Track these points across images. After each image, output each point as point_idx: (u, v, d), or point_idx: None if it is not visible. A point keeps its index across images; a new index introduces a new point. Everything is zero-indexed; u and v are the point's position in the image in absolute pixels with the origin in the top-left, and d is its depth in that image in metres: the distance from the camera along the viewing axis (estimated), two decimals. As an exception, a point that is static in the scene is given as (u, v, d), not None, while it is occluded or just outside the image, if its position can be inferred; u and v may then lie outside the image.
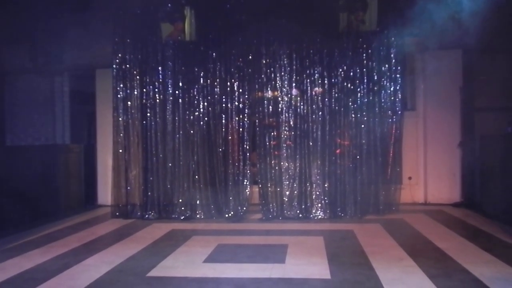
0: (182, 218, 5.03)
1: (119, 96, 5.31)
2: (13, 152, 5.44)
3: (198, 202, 5.11)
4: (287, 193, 5.05)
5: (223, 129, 5.18)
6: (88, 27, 5.48)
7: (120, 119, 5.30)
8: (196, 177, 5.16)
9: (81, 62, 5.98)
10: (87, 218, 5.25)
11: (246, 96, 5.20)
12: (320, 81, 5.13)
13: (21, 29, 5.48)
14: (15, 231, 4.40)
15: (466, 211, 5.13)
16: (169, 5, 5.20)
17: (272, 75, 5.16)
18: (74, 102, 6.50)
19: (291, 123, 5.13)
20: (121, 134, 5.30)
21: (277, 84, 5.16)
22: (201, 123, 5.21)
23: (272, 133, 5.16)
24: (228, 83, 5.17)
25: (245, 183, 5.12)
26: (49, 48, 5.88)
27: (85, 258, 3.45)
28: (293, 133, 5.12)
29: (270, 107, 5.17)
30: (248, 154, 5.15)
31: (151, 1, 5.17)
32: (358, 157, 5.09)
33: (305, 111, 5.14)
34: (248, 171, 5.15)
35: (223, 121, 5.19)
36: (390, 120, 5.17)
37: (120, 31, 5.29)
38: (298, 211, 4.99)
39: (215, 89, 5.19)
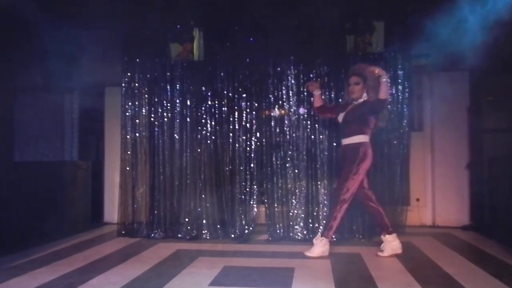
0: (188, 237, 5.01)
1: (127, 114, 5.36)
2: (21, 168, 5.48)
3: (204, 222, 5.10)
4: (294, 213, 5.03)
5: (230, 148, 5.20)
6: (99, 46, 5.57)
7: (128, 136, 5.34)
8: (203, 196, 5.16)
9: (91, 80, 6.04)
10: (93, 236, 5.26)
11: (254, 116, 5.23)
12: (327, 102, 5.15)
13: (33, 48, 5.57)
14: (21, 248, 4.39)
15: (475, 235, 5.07)
16: (178, 26, 5.28)
17: (279, 95, 5.19)
18: (83, 119, 6.57)
19: (298, 142, 5.14)
20: (129, 152, 5.33)
21: (284, 104, 5.18)
22: (209, 142, 5.23)
23: (279, 153, 5.16)
24: (236, 103, 5.21)
25: (251, 203, 5.11)
26: (60, 66, 5.96)
27: (90, 278, 3.44)
28: (300, 152, 5.12)
29: (277, 126, 5.18)
30: (255, 173, 5.16)
31: (161, 23, 5.25)
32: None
33: (312, 130, 5.14)
34: (255, 191, 5.15)
35: (230, 140, 5.21)
36: (397, 140, 5.15)
37: (129, 50, 5.37)
38: (305, 232, 4.96)
39: (223, 109, 5.23)
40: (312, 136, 5.12)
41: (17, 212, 4.85)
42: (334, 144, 5.06)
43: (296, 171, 5.08)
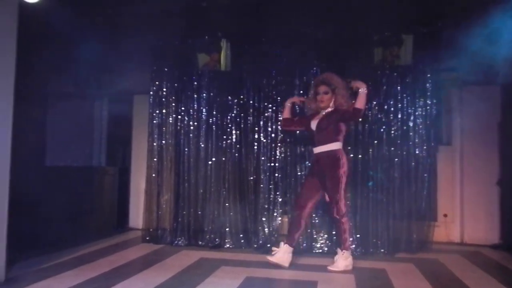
0: (210, 245, 5.03)
1: (154, 121, 5.45)
2: (52, 172, 5.65)
3: (227, 230, 5.11)
4: (317, 225, 4.99)
5: (255, 158, 5.21)
6: (129, 56, 5.71)
7: (154, 144, 5.42)
8: (227, 204, 5.19)
9: (121, 88, 6.20)
10: (118, 241, 5.34)
11: (279, 126, 5.23)
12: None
13: (65, 56, 5.76)
14: (50, 251, 4.50)
15: (505, 254, 4.89)
16: (206, 37, 5.36)
17: (305, 106, 5.17)
18: (112, 126, 6.73)
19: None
20: (155, 159, 5.40)
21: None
22: (233, 151, 5.26)
23: (304, 163, 5.14)
24: (261, 113, 5.23)
25: (275, 213, 5.10)
26: (91, 74, 6.15)
27: (114, 283, 3.48)
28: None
29: (302, 137, 5.15)
30: (279, 183, 5.15)
31: (189, 34, 5.35)
32: (391, 191, 4.99)
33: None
34: (279, 201, 5.14)
35: (255, 149, 5.23)
36: (424, 154, 5.06)
37: (158, 60, 5.48)
38: (328, 245, 4.91)
39: (248, 118, 5.26)
40: (337, 148, 5.07)
41: (47, 215, 4.99)
42: (360, 156, 5.01)
43: (320, 182, 5.03)
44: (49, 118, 6.34)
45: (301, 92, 5.15)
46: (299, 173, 5.10)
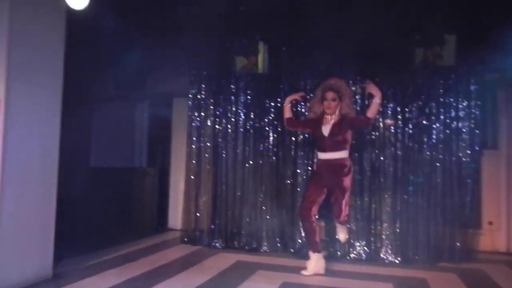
0: (247, 248, 5.07)
1: (193, 124, 5.54)
2: (97, 173, 5.88)
3: (264, 234, 5.13)
4: (355, 231, 4.90)
5: (292, 161, 5.20)
6: (169, 59, 5.84)
7: (193, 146, 5.52)
8: (263, 207, 5.20)
9: (161, 91, 6.35)
10: (158, 241, 5.48)
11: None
12: (393, 116, 4.99)
13: (108, 60, 5.96)
14: (94, 249, 4.68)
15: (556, 265, 4.64)
16: (244, 40, 5.39)
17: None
18: (152, 128, 6.91)
19: (361, 157, 5.01)
20: (194, 161, 5.50)
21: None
22: (270, 154, 5.27)
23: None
24: (298, 116, 5.19)
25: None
26: (132, 78, 6.33)
27: (154, 283, 3.60)
28: (363, 168, 5.00)
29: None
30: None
31: (227, 37, 5.41)
32: (432, 197, 4.84)
33: (376, 145, 5.01)
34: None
35: (292, 152, 5.21)
36: (468, 158, 4.87)
37: (197, 63, 5.57)
38: (366, 252, 4.82)
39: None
40: (376, 151, 4.98)
41: (91, 214, 5.20)
42: (400, 160, 4.89)
43: (359, 186, 4.96)
44: (94, 121, 6.60)
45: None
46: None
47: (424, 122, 4.93)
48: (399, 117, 4.96)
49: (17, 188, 3.31)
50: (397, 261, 4.58)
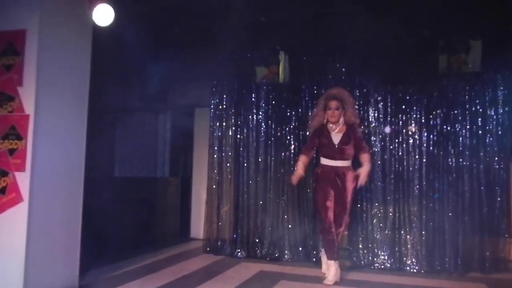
0: (268, 258, 5.04)
1: (215, 134, 5.58)
2: (121, 183, 5.97)
3: (286, 243, 5.10)
4: (379, 240, 4.82)
5: (313, 169, 5.16)
6: (191, 70, 5.93)
7: (215, 156, 5.55)
8: (285, 216, 5.18)
9: (183, 102, 6.44)
10: (180, 251, 5.51)
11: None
12: (417, 123, 4.92)
13: (131, 73, 6.09)
14: (118, 259, 4.74)
15: None
16: (265, 50, 5.43)
17: (365, 116, 5.06)
18: (174, 138, 7.00)
19: (385, 164, 4.94)
20: (215, 170, 5.52)
21: (371, 126, 5.04)
22: (292, 162, 5.24)
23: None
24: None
25: (334, 226, 5.00)
26: (156, 89, 6.45)
27: (178, 294, 3.61)
28: (386, 175, 4.92)
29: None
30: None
31: (248, 47, 5.45)
32: (460, 205, 4.71)
33: (400, 153, 4.93)
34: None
35: (313, 161, 5.17)
36: (496, 166, 4.74)
37: (218, 73, 5.63)
38: (390, 261, 4.73)
39: (306, 130, 5.23)
40: (401, 158, 4.90)
41: (116, 225, 5.27)
42: (424, 168, 4.80)
43: (382, 194, 4.88)
44: (118, 131, 6.73)
45: (361, 102, 5.05)
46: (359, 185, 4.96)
47: (449, 128, 4.83)
48: (423, 123, 4.87)
49: (44, 199, 3.39)
50: (423, 271, 4.47)
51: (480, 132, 4.76)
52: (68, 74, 3.68)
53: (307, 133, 5.18)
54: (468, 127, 4.79)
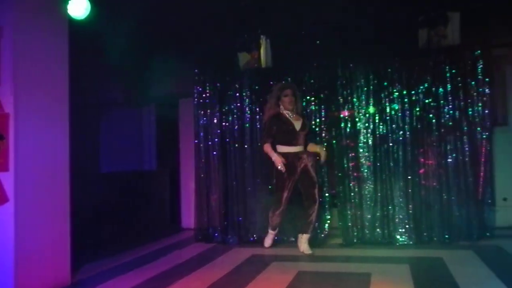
0: (260, 243, 5.04)
1: (200, 123, 5.56)
2: (106, 178, 5.94)
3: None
4: (368, 216, 4.89)
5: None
6: (173, 61, 5.87)
7: (201, 145, 5.54)
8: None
9: (166, 93, 6.39)
10: (173, 241, 5.51)
11: (323, 119, 5.18)
12: (400, 100, 4.96)
13: (113, 66, 6.01)
14: (110, 253, 4.73)
15: None
16: (246, 35, 5.38)
17: (349, 96, 5.09)
18: (160, 130, 6.96)
19: (370, 143, 4.99)
20: (203, 160, 5.52)
21: (355, 105, 5.07)
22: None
23: (351, 155, 5.05)
24: (305, 107, 5.19)
25: (324, 206, 5.06)
26: (138, 82, 6.39)
27: (172, 282, 3.63)
28: (372, 153, 4.97)
29: (348, 128, 5.08)
30: (326, 177, 5.11)
31: (228, 33, 5.40)
32: (444, 177, 4.80)
33: (384, 130, 4.98)
34: (327, 194, 5.11)
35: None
36: (478, 136, 4.83)
37: (200, 62, 5.59)
38: (380, 236, 4.81)
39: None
40: (385, 136, 4.94)
41: (105, 220, 5.26)
42: (410, 142, 4.85)
43: (369, 172, 4.94)
44: (102, 126, 6.66)
45: (344, 82, 5.07)
46: (346, 166, 5.01)
47: (432, 103, 4.88)
48: (406, 100, 4.92)
49: (30, 198, 3.35)
50: (412, 243, 4.56)
51: (461, 103, 4.82)
52: (47, 70, 3.61)
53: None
54: (450, 100, 4.85)
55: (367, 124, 5.01)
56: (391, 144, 4.92)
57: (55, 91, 3.70)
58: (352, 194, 4.97)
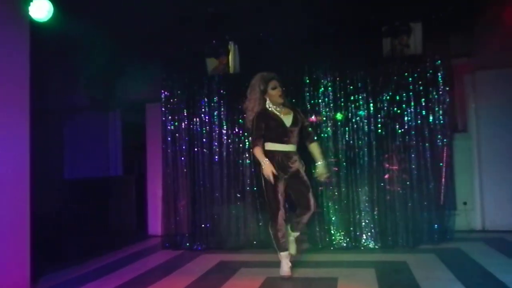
0: (228, 249, 5.05)
1: (167, 128, 5.50)
2: (70, 185, 5.77)
3: (243, 232, 5.13)
4: (335, 221, 4.96)
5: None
6: (139, 65, 5.79)
7: (168, 150, 5.47)
8: (243, 207, 5.19)
9: (132, 98, 6.29)
10: (139, 248, 5.40)
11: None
12: (365, 107, 5.07)
13: (77, 70, 5.87)
14: (74, 263, 4.59)
15: (529, 239, 4.81)
16: (214, 41, 5.38)
17: (316, 103, 5.16)
18: (126, 135, 6.83)
19: (337, 149, 5.07)
20: (170, 166, 5.45)
21: (321, 112, 5.14)
22: (247, 154, 5.26)
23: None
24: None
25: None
26: (103, 86, 6.25)
27: (138, 291, 3.55)
28: (339, 159, 5.05)
29: (315, 134, 5.12)
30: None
31: (196, 39, 5.38)
32: (408, 182, 4.94)
33: (350, 137, 5.08)
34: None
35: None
36: (440, 143, 4.99)
37: (167, 67, 5.53)
38: (346, 241, 4.89)
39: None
40: (351, 142, 5.04)
41: (68, 228, 5.10)
42: (374, 149, 4.97)
43: (335, 178, 5.01)
44: (66, 132, 6.47)
45: (311, 89, 5.14)
46: (312, 171, 5.06)
47: (396, 110, 5.02)
48: (371, 107, 5.04)
49: (-13, 205, 3.22)
50: (377, 247, 4.66)
51: (423, 111, 4.98)
52: (5, 74, 3.49)
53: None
54: (412, 107, 5.00)
55: (333, 131, 5.09)
56: (356, 150, 5.02)
57: (14, 95, 3.58)
58: (319, 199, 5.02)
